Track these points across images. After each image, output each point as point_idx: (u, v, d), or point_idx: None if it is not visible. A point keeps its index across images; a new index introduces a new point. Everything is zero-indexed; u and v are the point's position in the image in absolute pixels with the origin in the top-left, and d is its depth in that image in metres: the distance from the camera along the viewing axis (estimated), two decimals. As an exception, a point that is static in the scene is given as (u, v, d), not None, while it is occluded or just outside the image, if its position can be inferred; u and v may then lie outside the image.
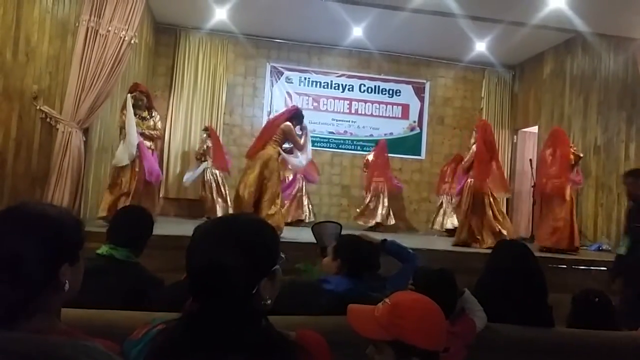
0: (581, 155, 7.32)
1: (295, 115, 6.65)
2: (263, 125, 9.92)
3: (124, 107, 6.35)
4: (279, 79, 10.29)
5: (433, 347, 1.49)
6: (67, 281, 1.21)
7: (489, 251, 2.86)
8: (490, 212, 7.02)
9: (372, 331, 1.52)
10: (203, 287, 1.23)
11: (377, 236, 3.10)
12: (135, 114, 6.40)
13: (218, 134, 9.81)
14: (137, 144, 6.27)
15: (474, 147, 7.24)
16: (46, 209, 1.26)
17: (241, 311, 1.23)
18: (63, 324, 1.24)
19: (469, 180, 7.22)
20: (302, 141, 6.75)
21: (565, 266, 5.95)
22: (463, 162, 7.61)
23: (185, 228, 4.00)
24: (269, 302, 1.28)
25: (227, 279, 1.22)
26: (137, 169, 6.29)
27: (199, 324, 1.20)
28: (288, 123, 6.42)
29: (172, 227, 6.38)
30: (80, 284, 1.27)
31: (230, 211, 7.82)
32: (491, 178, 7.15)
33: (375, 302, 1.62)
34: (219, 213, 8.35)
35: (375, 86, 10.59)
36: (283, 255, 1.33)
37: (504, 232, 6.89)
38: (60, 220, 1.24)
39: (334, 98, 10.43)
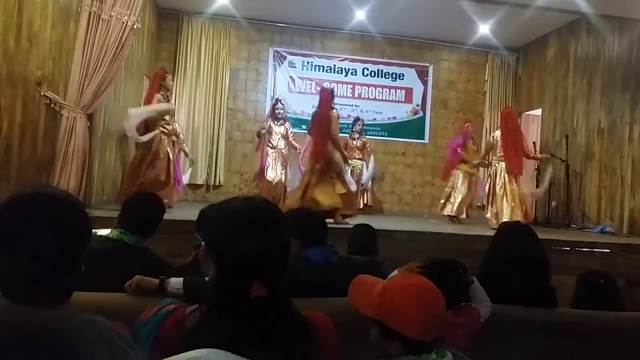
0: None
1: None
2: (266, 110, 9.99)
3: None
4: (282, 63, 10.25)
5: (414, 336, 1.44)
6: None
7: (492, 233, 2.88)
8: None
9: (362, 305, 1.54)
10: (267, 272, 1.25)
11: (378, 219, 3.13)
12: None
13: (221, 119, 9.79)
14: None
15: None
16: (67, 195, 1.28)
17: (286, 292, 1.30)
18: (73, 306, 1.27)
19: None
20: None
21: (568, 248, 5.97)
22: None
23: (190, 213, 4.04)
24: None
25: (285, 262, 1.30)
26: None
27: (267, 308, 1.23)
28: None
29: (178, 211, 6.41)
30: None
31: None
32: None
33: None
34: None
35: (378, 70, 10.54)
36: None
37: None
38: (81, 206, 1.27)
39: (337, 82, 10.36)
